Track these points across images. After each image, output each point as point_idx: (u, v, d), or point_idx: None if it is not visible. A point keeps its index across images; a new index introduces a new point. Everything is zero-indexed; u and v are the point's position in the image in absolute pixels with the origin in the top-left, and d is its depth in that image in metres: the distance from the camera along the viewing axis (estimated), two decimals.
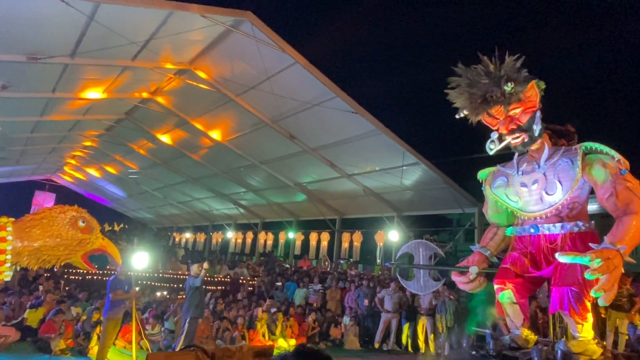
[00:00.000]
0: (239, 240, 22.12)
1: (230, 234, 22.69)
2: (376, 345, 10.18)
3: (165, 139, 16.02)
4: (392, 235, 14.23)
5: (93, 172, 24.14)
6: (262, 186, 17.70)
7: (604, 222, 3.34)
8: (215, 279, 13.37)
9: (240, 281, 13.57)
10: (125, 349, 8.07)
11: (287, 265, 17.78)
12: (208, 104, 12.60)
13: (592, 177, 2.97)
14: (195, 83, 11.13)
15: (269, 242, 20.33)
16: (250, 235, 21.62)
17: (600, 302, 2.64)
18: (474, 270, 3.44)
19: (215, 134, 14.39)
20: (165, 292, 11.89)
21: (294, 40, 9.63)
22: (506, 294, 3.23)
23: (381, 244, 15.73)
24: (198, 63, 10.79)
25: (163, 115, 13.90)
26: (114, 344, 7.58)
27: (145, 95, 12.88)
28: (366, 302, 10.74)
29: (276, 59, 9.56)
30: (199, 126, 14.07)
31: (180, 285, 11.29)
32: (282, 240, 19.71)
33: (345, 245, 17.02)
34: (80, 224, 3.87)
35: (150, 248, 11.28)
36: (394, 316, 10.12)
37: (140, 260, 7.25)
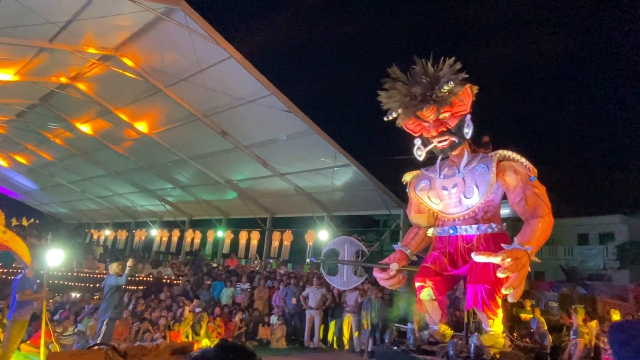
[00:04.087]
0: (164, 239, 21.32)
1: (154, 232, 21.83)
2: (304, 344, 10.23)
3: (85, 128, 15.03)
4: (322, 235, 14.38)
5: (0, 161, 21.92)
6: (190, 182, 17.24)
7: (515, 225, 3.59)
8: (137, 279, 12.76)
9: (164, 281, 13.07)
10: (32, 354, 7.38)
11: (215, 265, 17.41)
12: (134, 93, 12.03)
13: (505, 183, 3.18)
14: (120, 71, 10.57)
15: (197, 241, 19.77)
16: (176, 234, 20.93)
17: (510, 299, 2.82)
18: (394, 267, 3.57)
19: (142, 126, 13.78)
20: (80, 293, 11.07)
21: (230, 34, 9.43)
22: (426, 292, 3.36)
23: (311, 243, 15.83)
24: (125, 50, 10.24)
25: (83, 103, 13.00)
26: (18, 349, 6.92)
27: (63, 80, 11.96)
28: (294, 300, 10.75)
29: (210, 52, 9.33)
30: (123, 117, 13.39)
31: (98, 285, 10.59)
32: (210, 239, 19.27)
33: (275, 244, 16.94)
34: None
35: (65, 245, 10.47)
36: (317, 313, 10.23)
37: (53, 257, 6.70)
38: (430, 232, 3.67)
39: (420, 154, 3.40)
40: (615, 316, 9.20)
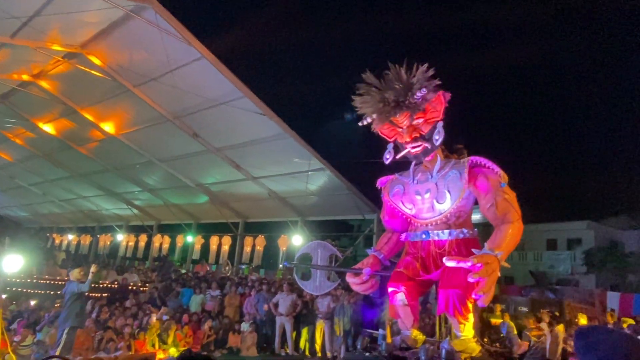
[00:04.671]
0: (131, 244, 20.99)
1: (120, 237, 21.43)
2: (275, 351, 10.16)
3: (48, 128, 14.60)
4: (296, 240, 14.36)
5: None
6: (159, 186, 17.02)
7: (485, 230, 3.67)
8: (101, 286, 12.46)
9: (130, 288, 12.80)
10: None
11: (184, 271, 17.18)
12: (101, 93, 11.80)
13: (476, 189, 3.26)
14: (87, 69, 10.33)
15: (165, 246, 19.54)
16: (143, 239, 20.63)
17: (480, 303, 2.89)
18: (367, 272, 3.59)
19: (108, 127, 13.52)
20: (39, 300, 10.68)
21: (202, 33, 9.34)
22: (399, 297, 3.40)
23: (284, 248, 15.83)
24: (92, 47, 10.04)
25: (47, 101, 12.62)
26: None
27: (25, 77, 11.62)
28: (266, 307, 10.67)
29: (181, 52, 9.24)
30: (89, 117, 13.11)
31: (59, 292, 10.25)
32: (179, 244, 19.09)
33: (247, 249, 16.89)
34: None
35: (25, 250, 10.10)
36: (288, 320, 10.19)
37: (11, 263, 6.44)
38: (403, 237, 3.71)
39: (388, 157, 3.45)
40: (582, 320, 9.54)
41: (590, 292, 14.47)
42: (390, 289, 3.45)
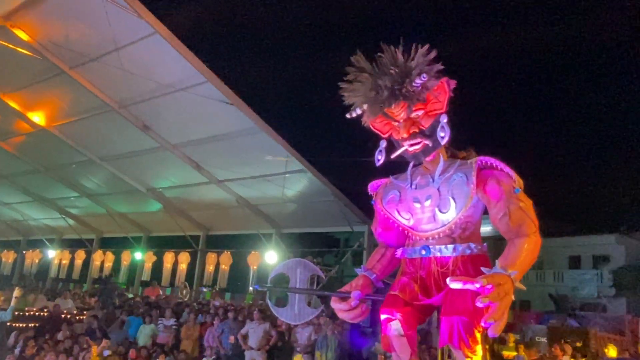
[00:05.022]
0: (65, 262, 20.75)
1: (52, 253, 21.20)
2: None
3: None
4: (270, 257, 14.34)
5: None
6: (101, 190, 16.96)
7: (497, 245, 3.70)
8: (27, 314, 12.34)
9: (63, 316, 12.69)
10: None
11: (131, 295, 17.05)
12: (29, 75, 11.72)
13: (486, 195, 3.29)
14: (11, 45, 10.26)
15: (108, 265, 19.41)
16: (81, 255, 20.41)
17: (491, 333, 2.91)
18: (356, 295, 3.58)
19: (38, 117, 13.45)
20: None
21: (156, 4, 9.38)
22: (393, 325, 3.40)
23: (255, 267, 15.77)
24: (17, 19, 10.00)
25: None
26: None
27: None
28: (232, 339, 10.63)
29: (130, 26, 9.25)
30: (13, 104, 13.03)
31: None
32: (125, 262, 18.96)
33: (210, 268, 16.78)
34: None
35: None
36: (260, 354, 10.16)
37: None
38: (399, 253, 3.73)
39: (380, 158, 3.46)
40: (611, 352, 9.74)
41: (620, 318, 14.78)
42: (383, 316, 3.46)
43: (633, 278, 22.95)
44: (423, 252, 3.48)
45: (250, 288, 16.67)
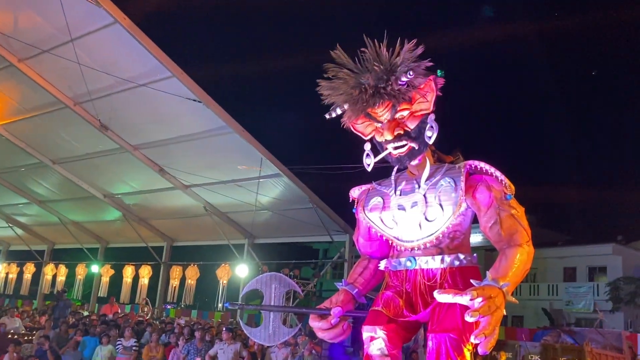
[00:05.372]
0: (12, 276, 20.56)
1: None
2: None
3: None
4: (241, 270, 14.30)
5: None
6: (54, 197, 16.80)
7: (488, 256, 3.74)
8: None
9: (10, 337, 12.50)
10: None
11: (86, 313, 16.85)
12: None
13: (475, 202, 3.33)
14: None
15: (61, 279, 19.24)
16: (30, 269, 20.25)
17: (481, 350, 2.94)
18: (336, 312, 3.59)
19: None
20: None
21: None
22: (376, 344, 3.41)
23: (225, 281, 15.72)
24: None
25: None
26: None
27: None
28: None
29: (86, 15, 9.22)
30: None
31: None
32: (80, 277, 18.88)
33: (174, 283, 16.76)
34: None
35: None
36: None
37: None
38: (382, 265, 3.75)
39: (369, 162, 3.47)
40: None
41: (618, 334, 15.04)
42: (365, 335, 3.47)
43: (631, 291, 23.37)
44: (408, 263, 3.49)
45: (220, 305, 16.55)
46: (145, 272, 17.26)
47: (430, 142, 3.32)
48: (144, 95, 10.78)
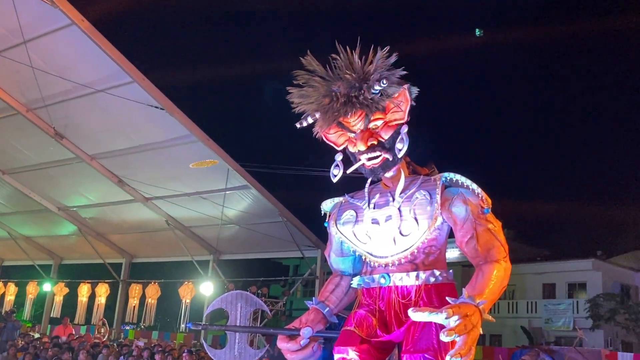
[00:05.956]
0: None
1: None
2: None
3: None
4: (205, 288, 14.19)
5: None
6: (3, 209, 16.54)
7: (465, 272, 3.80)
8: None
9: None
10: None
11: (37, 335, 16.41)
12: None
13: (451, 216, 3.37)
14: None
15: (10, 298, 18.91)
16: None
17: None
18: (306, 333, 3.57)
19: None
20: None
21: None
22: None
23: (188, 300, 15.58)
24: None
25: None
26: None
27: None
28: None
29: (41, 16, 9.14)
30: None
31: None
32: (31, 295, 18.56)
33: (134, 302, 16.60)
34: None
35: None
36: None
37: None
38: (355, 282, 3.76)
39: (336, 174, 3.50)
40: None
41: (597, 353, 15.36)
42: (337, 356, 3.46)
43: (611, 308, 23.82)
44: (382, 280, 3.51)
45: (183, 326, 16.40)
46: (102, 290, 17.01)
47: (400, 155, 3.35)
48: (103, 101, 10.70)
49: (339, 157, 3.53)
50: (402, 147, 3.33)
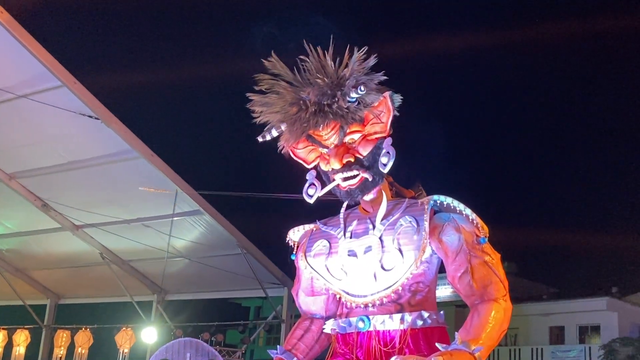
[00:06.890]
0: None
1: None
2: None
3: None
4: (148, 335, 13.90)
5: None
6: None
7: (459, 313, 3.82)
8: None
9: None
10: None
11: None
12: None
13: (442, 246, 3.39)
14: None
15: None
16: None
17: None
18: None
19: None
20: None
21: None
22: None
23: (126, 349, 15.40)
24: None
25: None
26: None
27: None
28: None
29: None
30: None
31: None
32: None
33: (60, 352, 16.32)
34: None
35: None
36: None
37: None
38: (328, 327, 3.75)
39: (312, 194, 3.50)
40: None
41: None
42: None
43: (629, 354, 24.04)
44: (360, 324, 3.50)
45: None
46: (22, 338, 16.63)
47: (386, 170, 3.36)
48: (24, 109, 10.62)
49: (312, 175, 3.50)
50: (387, 162, 3.33)
